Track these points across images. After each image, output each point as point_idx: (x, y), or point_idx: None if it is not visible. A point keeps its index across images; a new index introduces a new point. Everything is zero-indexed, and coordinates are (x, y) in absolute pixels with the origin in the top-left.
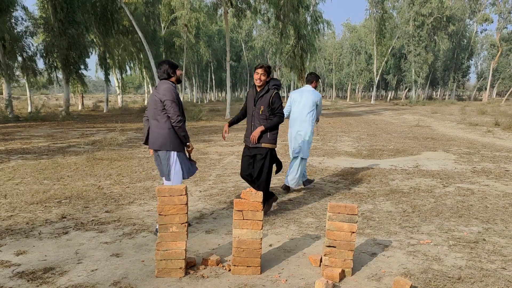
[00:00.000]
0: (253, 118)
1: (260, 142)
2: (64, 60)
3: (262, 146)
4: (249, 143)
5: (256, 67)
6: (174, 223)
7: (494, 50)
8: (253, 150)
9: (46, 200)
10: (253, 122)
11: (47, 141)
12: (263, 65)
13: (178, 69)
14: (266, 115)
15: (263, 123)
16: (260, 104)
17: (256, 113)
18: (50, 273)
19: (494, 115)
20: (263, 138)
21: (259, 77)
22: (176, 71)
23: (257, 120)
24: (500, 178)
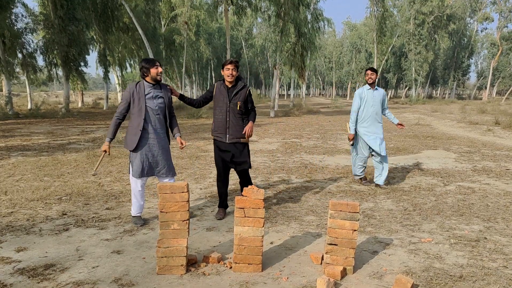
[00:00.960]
0: (227, 113)
1: (239, 137)
2: (64, 57)
3: (241, 141)
4: (226, 139)
5: (225, 63)
6: (176, 220)
7: (494, 49)
8: (231, 145)
9: (47, 197)
10: (229, 117)
11: (47, 138)
12: (233, 60)
13: (155, 67)
14: (242, 110)
15: (239, 118)
16: (236, 100)
17: (231, 109)
18: (51, 269)
19: (494, 114)
20: (240, 133)
21: (231, 72)
22: (151, 70)
23: (232, 115)
24: (501, 176)
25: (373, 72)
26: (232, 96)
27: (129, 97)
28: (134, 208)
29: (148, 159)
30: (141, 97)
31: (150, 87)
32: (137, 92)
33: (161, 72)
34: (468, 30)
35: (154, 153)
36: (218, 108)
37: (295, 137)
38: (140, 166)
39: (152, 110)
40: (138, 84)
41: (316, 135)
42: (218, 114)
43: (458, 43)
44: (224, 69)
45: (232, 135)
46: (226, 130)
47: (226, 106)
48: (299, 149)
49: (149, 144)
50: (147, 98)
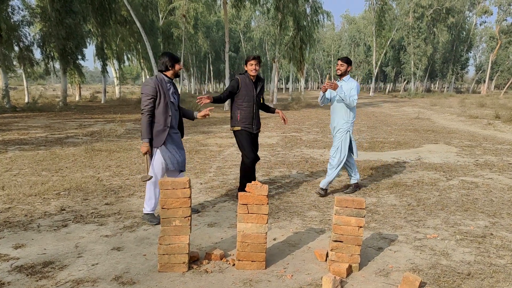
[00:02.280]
0: (254, 106)
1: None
2: (61, 50)
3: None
4: (253, 129)
5: (249, 59)
6: (177, 217)
7: (493, 42)
8: (254, 136)
9: (45, 192)
10: (255, 109)
11: (44, 131)
12: (256, 56)
13: (178, 63)
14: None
15: (259, 110)
16: (260, 94)
17: (257, 102)
18: (50, 267)
19: (494, 107)
20: (260, 124)
21: (254, 67)
22: (175, 65)
23: (257, 108)
24: (503, 171)
25: (343, 63)
26: (258, 90)
27: (155, 92)
28: (150, 205)
29: (177, 153)
30: (165, 92)
31: (169, 82)
32: (161, 87)
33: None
34: (467, 24)
35: (178, 146)
36: (246, 101)
37: (294, 131)
38: (160, 165)
39: (173, 105)
40: (160, 78)
41: (316, 129)
42: (246, 106)
43: (457, 37)
44: (247, 64)
45: (257, 126)
46: (253, 121)
47: (253, 99)
48: (299, 143)
49: (173, 139)
50: (170, 94)
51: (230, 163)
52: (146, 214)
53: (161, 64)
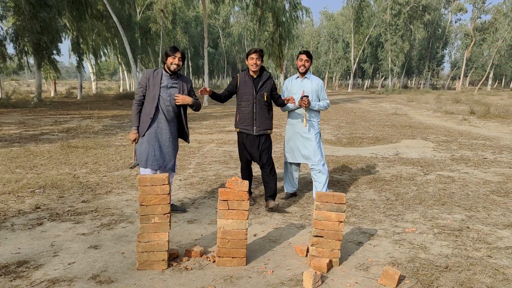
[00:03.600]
0: (254, 105)
1: (266, 129)
2: (36, 45)
3: (268, 133)
4: (253, 131)
5: (250, 52)
6: (157, 214)
7: (467, 39)
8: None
9: (19, 190)
10: (256, 109)
11: (18, 128)
12: (257, 49)
13: (172, 56)
14: (269, 101)
15: (265, 109)
16: (263, 90)
17: (258, 100)
18: (24, 266)
19: (469, 103)
20: (267, 125)
21: (255, 61)
22: (168, 58)
23: (259, 107)
24: (479, 165)
25: (308, 59)
26: (259, 87)
27: (145, 82)
28: None
29: (154, 149)
30: (156, 84)
31: (167, 76)
32: (153, 78)
33: (177, 63)
34: (443, 21)
35: (161, 144)
36: (244, 100)
37: (274, 127)
38: (145, 155)
39: (164, 100)
40: (156, 71)
41: None
42: (245, 106)
43: (433, 34)
44: (248, 58)
45: (259, 127)
46: (254, 122)
47: (252, 97)
48: (278, 139)
49: (157, 134)
50: (161, 87)
51: (210, 159)
52: None
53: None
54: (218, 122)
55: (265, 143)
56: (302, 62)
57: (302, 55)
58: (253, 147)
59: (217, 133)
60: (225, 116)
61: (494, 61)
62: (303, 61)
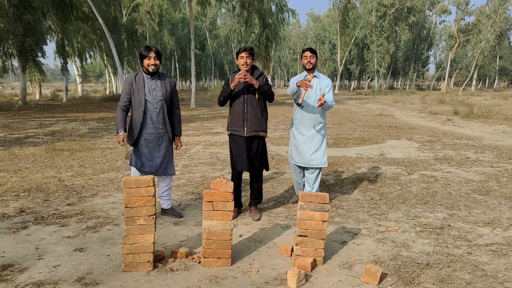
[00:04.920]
0: (245, 104)
1: (258, 130)
2: (20, 47)
3: (260, 135)
4: (244, 132)
5: (239, 51)
6: (142, 216)
7: (452, 41)
8: (248, 140)
9: (3, 194)
10: (246, 109)
11: (2, 131)
12: (247, 47)
13: (146, 58)
14: (261, 101)
15: (257, 110)
16: (253, 89)
17: (249, 100)
18: (9, 270)
19: (453, 104)
20: (259, 126)
21: (245, 60)
22: (144, 60)
23: (250, 107)
24: (461, 165)
25: (312, 55)
26: (249, 86)
27: (129, 89)
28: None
29: (145, 155)
30: (140, 88)
31: (148, 78)
32: (136, 83)
33: (153, 64)
34: (427, 23)
35: (151, 149)
36: (235, 100)
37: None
38: (139, 163)
39: (151, 104)
40: (138, 76)
41: (282, 126)
42: (235, 105)
43: (418, 35)
44: (238, 57)
45: (250, 128)
46: (244, 123)
47: (243, 97)
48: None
49: (146, 140)
50: (146, 91)
51: (196, 161)
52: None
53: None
54: (205, 124)
55: (257, 147)
56: (307, 59)
57: (305, 52)
58: (243, 151)
59: (204, 135)
60: (212, 118)
61: (478, 62)
62: (308, 58)
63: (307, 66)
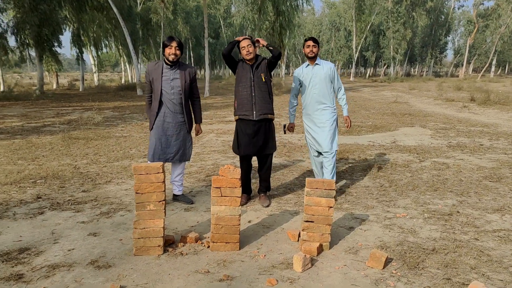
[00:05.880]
0: (253, 88)
1: (267, 113)
2: (37, 37)
3: (269, 117)
4: (253, 116)
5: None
6: (152, 201)
7: (470, 26)
8: (258, 123)
9: (21, 181)
10: (254, 92)
11: (20, 120)
12: (246, 36)
13: (168, 47)
14: (267, 83)
15: (265, 92)
16: (259, 72)
17: (256, 83)
18: (26, 253)
19: (470, 91)
20: (268, 108)
21: (247, 50)
22: (165, 49)
23: (258, 90)
24: (474, 152)
25: (315, 44)
26: (254, 71)
27: (148, 78)
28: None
29: (161, 143)
30: (157, 77)
31: (167, 68)
32: (155, 71)
33: (174, 53)
34: (445, 8)
35: (168, 137)
36: (241, 85)
37: None
38: (152, 149)
39: (167, 94)
40: (157, 64)
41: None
42: (242, 90)
43: (436, 21)
44: (240, 49)
45: (259, 111)
46: (253, 106)
47: (250, 81)
48: (278, 128)
49: (164, 128)
50: (163, 80)
51: (209, 149)
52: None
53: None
54: (219, 112)
55: (267, 129)
56: (310, 48)
57: (308, 42)
58: (253, 135)
59: (217, 123)
60: (226, 107)
61: (497, 47)
62: (310, 47)
63: (309, 55)
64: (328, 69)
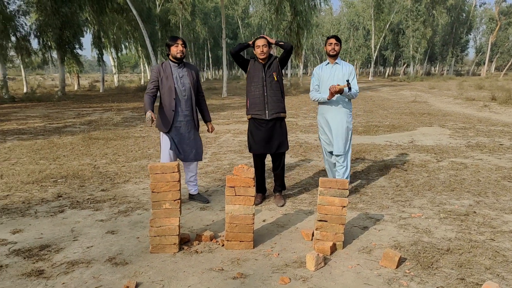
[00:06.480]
0: (265, 88)
1: (279, 112)
2: (58, 40)
3: (281, 116)
4: (266, 115)
5: (255, 40)
6: (167, 200)
7: (492, 24)
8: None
9: (42, 180)
10: (266, 92)
11: (43, 121)
12: (261, 36)
13: (174, 45)
14: (279, 82)
15: (277, 91)
16: (271, 72)
17: (268, 83)
18: (46, 250)
19: (491, 89)
20: (280, 107)
21: (261, 49)
22: (171, 48)
23: (270, 89)
24: (494, 152)
25: (337, 42)
26: (267, 69)
27: (156, 77)
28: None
29: (175, 142)
30: (168, 76)
31: (175, 66)
32: (163, 71)
33: (181, 50)
34: (467, 5)
35: (182, 136)
36: (253, 84)
37: (291, 116)
38: (167, 151)
39: (180, 91)
40: (164, 64)
41: (313, 114)
42: (255, 90)
43: (457, 19)
44: (254, 48)
45: (272, 110)
46: (265, 106)
47: (262, 80)
48: (294, 128)
49: (177, 127)
50: (174, 77)
51: (225, 149)
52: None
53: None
54: (236, 112)
55: (280, 128)
56: (332, 46)
57: (330, 39)
58: (266, 134)
59: (234, 123)
60: (243, 107)
61: None
62: (332, 44)
63: (330, 53)
64: (346, 70)
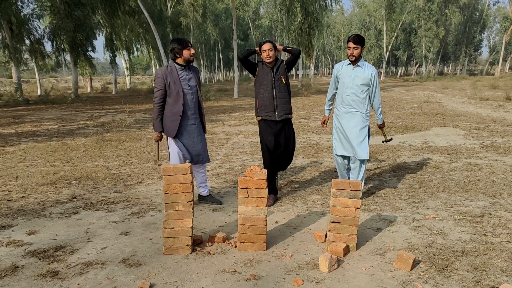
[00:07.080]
0: (274, 90)
1: (288, 113)
2: (71, 42)
3: (289, 117)
4: (276, 117)
5: (260, 45)
6: (180, 202)
7: (506, 23)
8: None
9: (57, 181)
10: (275, 94)
11: (56, 123)
12: (267, 40)
13: (187, 48)
14: (287, 83)
15: (285, 93)
16: (279, 74)
17: (277, 85)
18: (61, 251)
19: (506, 89)
20: (288, 109)
21: (267, 53)
22: (184, 51)
23: (279, 91)
24: (509, 152)
25: (356, 46)
26: (275, 72)
27: (163, 82)
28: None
29: (186, 146)
30: (175, 80)
31: (181, 69)
32: (170, 75)
33: (193, 53)
34: (480, 4)
35: (193, 139)
36: (263, 87)
37: (302, 117)
38: (176, 155)
39: (188, 94)
40: (170, 67)
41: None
42: (264, 92)
43: (470, 18)
44: (261, 52)
45: (281, 112)
46: (275, 108)
47: (271, 83)
48: (306, 129)
49: (188, 131)
50: (181, 81)
51: (237, 150)
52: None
53: (170, 52)
54: (247, 114)
55: (289, 129)
56: (350, 50)
57: (349, 43)
58: (277, 135)
59: (246, 125)
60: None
61: None
62: (351, 49)
63: (350, 59)
64: (368, 74)
